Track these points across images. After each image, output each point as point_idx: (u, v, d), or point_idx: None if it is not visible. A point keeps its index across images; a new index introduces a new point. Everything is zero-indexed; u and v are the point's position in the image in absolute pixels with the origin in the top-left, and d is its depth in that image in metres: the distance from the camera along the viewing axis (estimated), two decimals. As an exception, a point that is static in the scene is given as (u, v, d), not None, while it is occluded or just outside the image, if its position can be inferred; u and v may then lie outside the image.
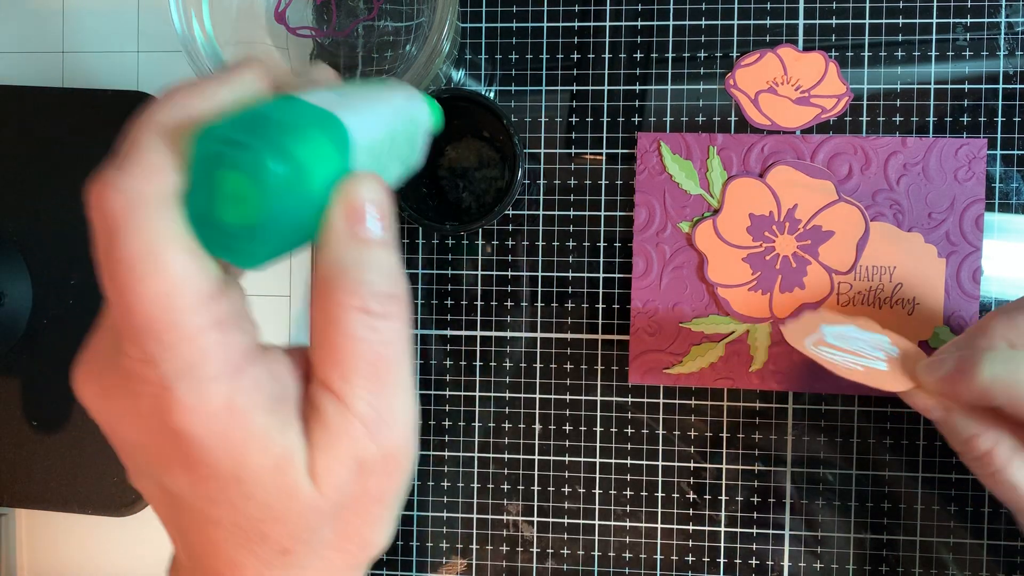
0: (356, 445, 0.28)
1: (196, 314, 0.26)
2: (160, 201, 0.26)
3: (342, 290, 0.28)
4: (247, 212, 0.25)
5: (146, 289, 0.25)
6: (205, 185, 0.25)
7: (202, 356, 0.26)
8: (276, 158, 0.25)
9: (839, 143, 0.49)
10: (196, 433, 0.26)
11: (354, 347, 0.28)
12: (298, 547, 0.29)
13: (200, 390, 0.26)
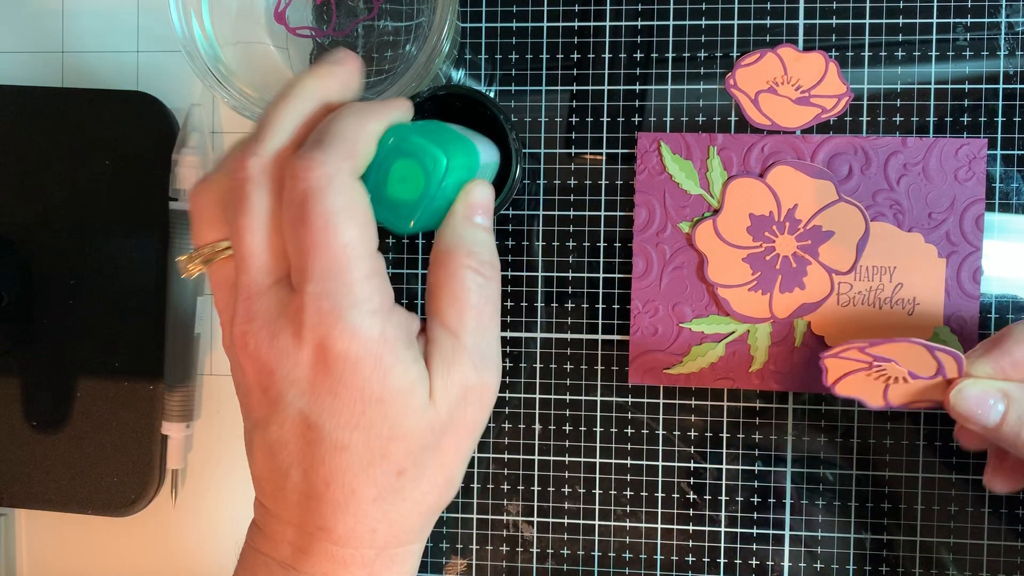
0: (464, 372, 0.36)
1: (368, 262, 0.34)
2: (353, 175, 0.34)
3: (462, 253, 0.37)
4: (409, 190, 0.36)
5: (338, 238, 0.33)
6: (383, 167, 0.36)
7: (368, 294, 0.34)
8: (442, 154, 0.36)
9: (839, 143, 0.49)
10: (356, 355, 0.34)
11: (467, 295, 0.37)
12: (410, 467, 0.36)
13: (365, 320, 0.34)
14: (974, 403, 0.40)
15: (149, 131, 0.54)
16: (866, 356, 0.42)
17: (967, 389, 0.40)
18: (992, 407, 0.40)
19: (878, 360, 0.42)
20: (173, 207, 0.53)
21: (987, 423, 0.40)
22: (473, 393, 0.37)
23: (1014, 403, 0.40)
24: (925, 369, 0.41)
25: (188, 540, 0.56)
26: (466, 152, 0.38)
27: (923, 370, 0.42)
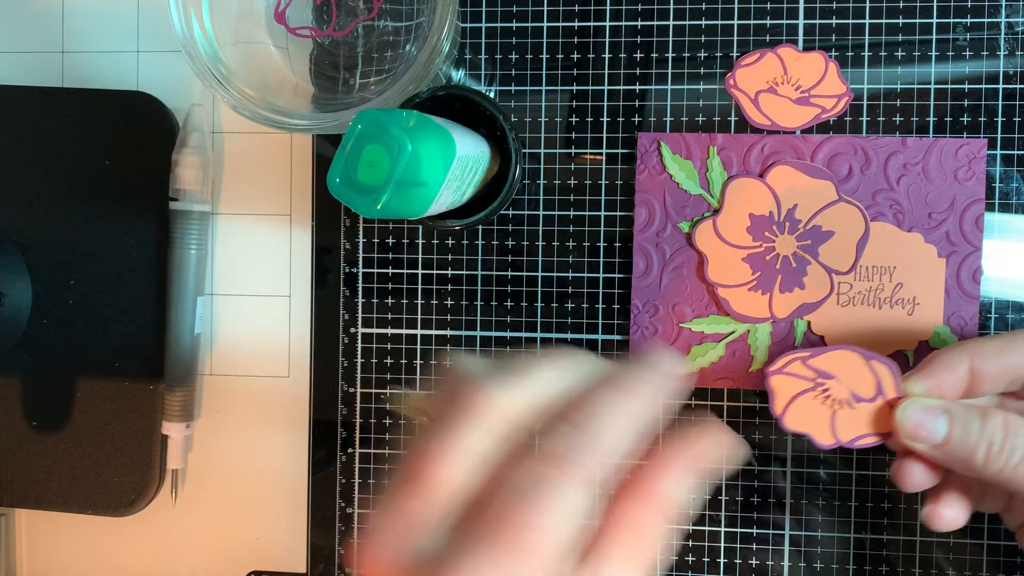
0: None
1: None
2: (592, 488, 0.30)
3: None
4: (377, 175, 0.37)
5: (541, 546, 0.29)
6: (354, 152, 0.37)
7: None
8: (407, 140, 0.36)
9: (839, 143, 0.49)
10: None
11: None
12: None
13: None
14: (918, 420, 0.41)
15: (149, 131, 0.54)
16: (809, 371, 0.43)
17: (910, 408, 0.41)
18: (936, 425, 0.40)
19: (821, 376, 0.43)
20: (173, 207, 0.53)
21: (934, 440, 0.40)
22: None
23: (956, 419, 0.40)
24: (865, 387, 0.42)
25: (188, 540, 0.56)
26: (439, 140, 0.38)
27: (863, 388, 0.42)
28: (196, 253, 0.53)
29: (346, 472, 0.53)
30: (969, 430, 0.40)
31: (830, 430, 0.43)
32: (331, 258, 0.53)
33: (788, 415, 0.43)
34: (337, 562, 0.53)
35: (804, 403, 0.43)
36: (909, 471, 0.42)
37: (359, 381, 0.53)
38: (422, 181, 0.38)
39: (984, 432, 0.40)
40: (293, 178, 0.54)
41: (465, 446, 0.31)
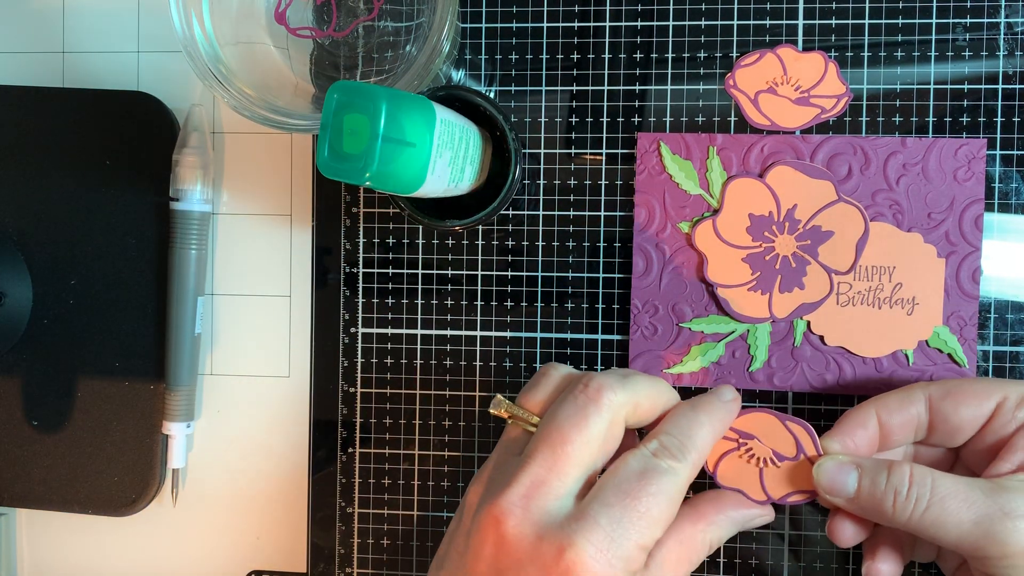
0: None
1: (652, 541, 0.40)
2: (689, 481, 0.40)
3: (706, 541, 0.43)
4: (359, 142, 0.37)
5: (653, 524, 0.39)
6: (336, 122, 0.37)
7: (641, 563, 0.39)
8: (382, 101, 0.37)
9: (839, 143, 0.49)
10: None
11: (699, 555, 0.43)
12: None
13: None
14: (832, 476, 0.43)
15: (149, 131, 0.54)
16: (732, 432, 0.45)
17: (824, 464, 0.43)
18: (847, 479, 0.42)
19: (743, 437, 0.45)
20: (173, 207, 0.53)
21: (847, 494, 0.42)
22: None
23: (866, 473, 0.42)
24: (785, 447, 0.45)
25: (188, 540, 0.56)
26: (415, 101, 0.39)
27: (783, 448, 0.45)
28: (196, 253, 0.53)
29: (346, 472, 0.53)
30: (876, 482, 0.42)
31: (760, 488, 0.45)
32: (331, 258, 0.53)
33: (719, 473, 0.45)
34: (337, 562, 0.53)
35: (732, 461, 0.45)
36: (840, 527, 0.44)
37: (359, 381, 0.53)
38: (407, 140, 0.38)
39: (890, 483, 0.41)
40: (293, 178, 0.54)
41: (593, 432, 0.39)
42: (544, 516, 0.38)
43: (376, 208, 0.53)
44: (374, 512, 0.53)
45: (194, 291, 0.53)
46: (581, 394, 0.40)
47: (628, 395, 0.41)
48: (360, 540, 0.53)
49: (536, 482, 0.38)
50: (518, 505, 0.38)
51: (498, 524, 0.38)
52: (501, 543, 0.37)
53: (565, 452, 0.39)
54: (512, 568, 0.37)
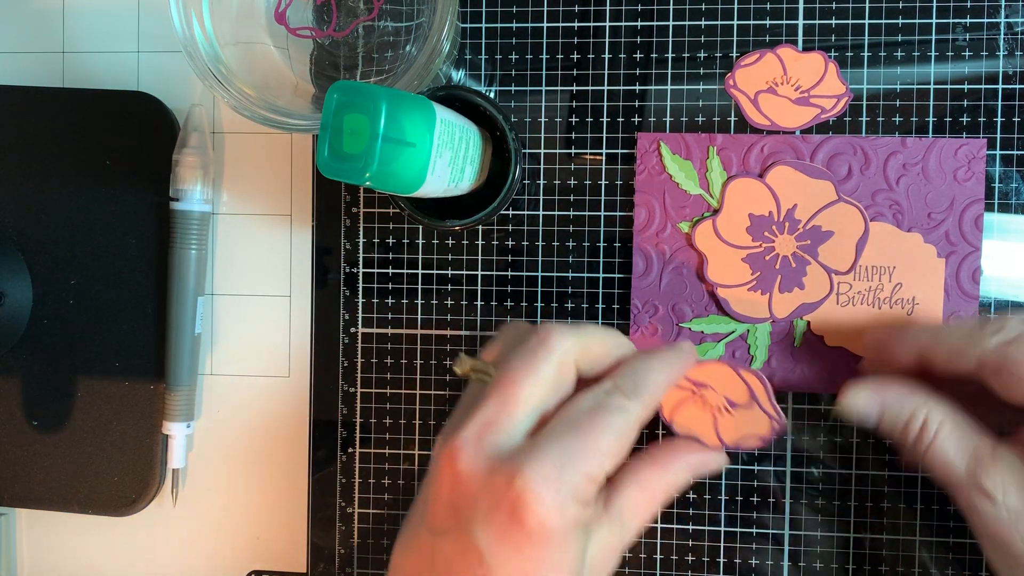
0: (610, 559, 0.41)
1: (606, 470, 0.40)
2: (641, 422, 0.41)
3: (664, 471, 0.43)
4: (359, 142, 0.37)
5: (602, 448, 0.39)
6: (336, 123, 0.37)
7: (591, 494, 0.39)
8: (379, 97, 0.37)
9: (839, 143, 0.49)
10: (553, 530, 0.37)
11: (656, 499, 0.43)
12: None
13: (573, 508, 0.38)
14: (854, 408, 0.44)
15: (149, 131, 0.54)
16: (687, 382, 0.46)
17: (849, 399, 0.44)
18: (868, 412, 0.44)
19: (698, 386, 0.46)
20: (173, 207, 0.53)
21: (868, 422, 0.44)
22: (605, 567, 0.40)
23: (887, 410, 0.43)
24: (738, 395, 0.46)
25: (188, 540, 0.56)
26: (415, 100, 0.39)
27: (737, 396, 0.46)
28: (196, 253, 0.53)
29: (346, 472, 0.53)
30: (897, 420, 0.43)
31: (714, 433, 0.46)
32: (331, 258, 0.53)
33: (676, 420, 0.46)
34: (337, 562, 0.53)
35: (687, 409, 0.46)
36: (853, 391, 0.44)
37: (359, 381, 0.53)
38: (407, 140, 0.38)
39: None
40: (293, 178, 0.54)
41: (541, 373, 0.40)
42: (495, 451, 0.38)
43: (376, 208, 0.53)
44: (374, 512, 0.53)
45: (194, 291, 0.53)
46: (532, 339, 0.41)
47: (577, 339, 0.41)
48: (360, 540, 0.53)
49: (487, 421, 0.39)
50: (470, 442, 0.38)
51: (452, 462, 0.38)
52: (455, 480, 0.38)
53: (514, 392, 0.39)
54: (466, 503, 0.38)
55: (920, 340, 0.43)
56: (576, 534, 0.38)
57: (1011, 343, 0.40)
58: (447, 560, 0.38)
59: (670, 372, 0.43)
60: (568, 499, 0.37)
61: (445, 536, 0.38)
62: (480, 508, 0.37)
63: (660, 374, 0.42)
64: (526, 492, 0.36)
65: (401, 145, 0.38)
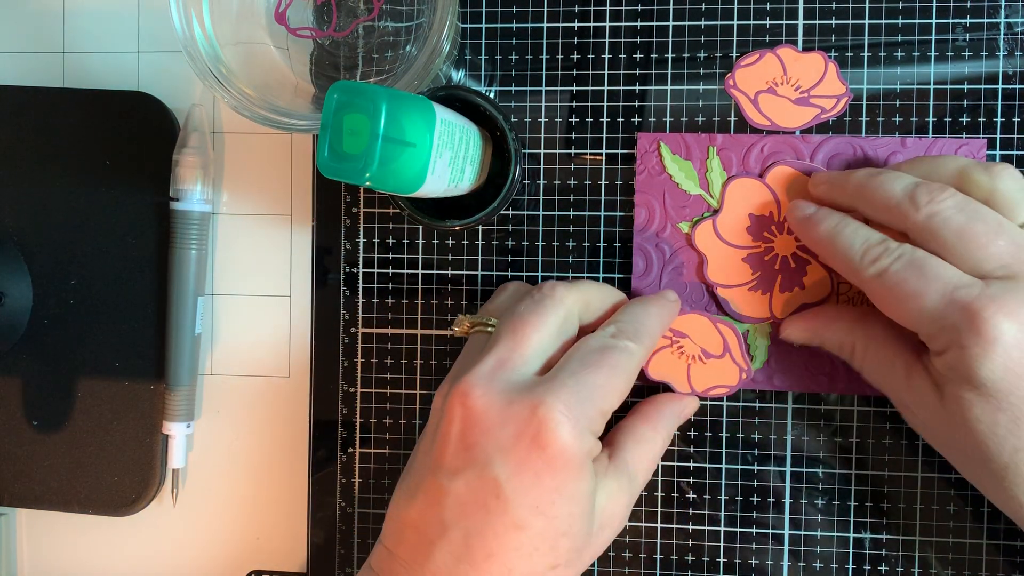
0: (622, 504, 0.43)
1: (615, 406, 0.42)
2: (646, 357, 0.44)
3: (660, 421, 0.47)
4: (359, 142, 0.37)
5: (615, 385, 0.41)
6: (336, 122, 0.37)
7: (602, 424, 0.41)
8: (380, 97, 0.37)
9: (838, 143, 0.49)
10: (573, 454, 0.38)
11: (652, 449, 0.46)
12: (563, 565, 0.39)
13: (589, 436, 0.40)
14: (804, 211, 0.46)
15: (149, 131, 0.54)
16: (667, 332, 0.48)
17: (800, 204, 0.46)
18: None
19: (676, 335, 0.49)
20: (173, 207, 0.53)
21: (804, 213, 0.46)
22: (616, 520, 0.42)
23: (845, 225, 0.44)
24: (713, 346, 0.49)
25: (188, 540, 0.56)
26: (415, 101, 0.39)
27: (712, 347, 0.49)
28: (196, 253, 0.53)
29: (346, 472, 0.53)
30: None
31: (686, 381, 0.49)
32: (331, 258, 0.53)
33: (651, 367, 0.49)
34: (337, 562, 0.53)
35: (663, 357, 0.49)
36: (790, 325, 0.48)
37: (359, 381, 0.53)
38: (407, 140, 0.38)
39: None
40: (293, 178, 0.54)
41: (550, 321, 0.41)
42: (510, 385, 0.39)
43: (376, 208, 0.53)
44: (374, 512, 0.53)
45: (194, 291, 0.53)
46: (537, 292, 0.43)
47: (579, 293, 0.44)
48: (360, 540, 0.53)
49: (500, 360, 0.40)
50: (484, 379, 0.39)
51: (465, 399, 0.39)
52: (468, 417, 0.39)
53: (526, 334, 0.41)
54: (482, 437, 0.38)
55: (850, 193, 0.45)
56: (590, 468, 0.39)
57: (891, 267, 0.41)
58: (459, 500, 0.38)
59: (664, 318, 0.45)
60: (585, 430, 0.39)
61: (458, 475, 0.38)
62: (499, 439, 0.38)
63: (656, 319, 0.45)
64: (549, 419, 0.38)
65: (401, 145, 0.38)
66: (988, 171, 0.41)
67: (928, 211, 0.40)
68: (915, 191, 0.41)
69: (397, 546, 0.40)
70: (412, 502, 0.39)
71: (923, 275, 0.40)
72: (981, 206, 0.40)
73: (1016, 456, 0.39)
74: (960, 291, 0.39)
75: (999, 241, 0.39)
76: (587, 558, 0.41)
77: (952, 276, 0.39)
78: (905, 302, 0.40)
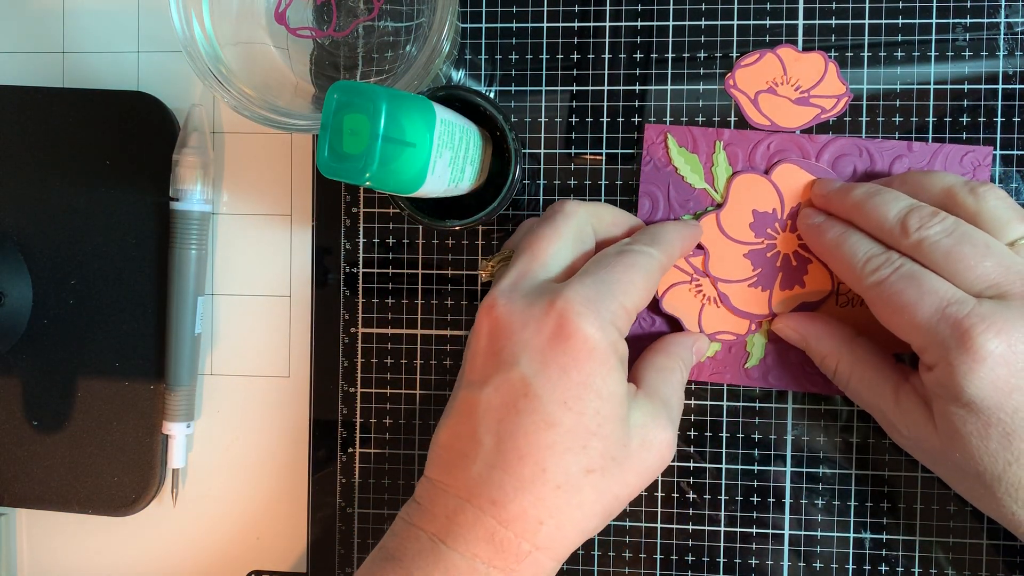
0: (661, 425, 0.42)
1: (640, 303, 0.42)
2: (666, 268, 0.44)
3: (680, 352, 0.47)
4: (359, 142, 0.36)
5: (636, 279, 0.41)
6: (336, 122, 0.36)
7: (628, 316, 0.41)
8: (380, 97, 0.36)
9: (845, 144, 0.48)
10: (596, 345, 0.38)
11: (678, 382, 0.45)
12: (598, 470, 0.38)
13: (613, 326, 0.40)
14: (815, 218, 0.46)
15: (149, 131, 0.53)
16: (688, 266, 0.48)
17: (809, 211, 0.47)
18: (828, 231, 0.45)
19: (698, 273, 0.48)
20: (173, 207, 0.52)
21: None
22: (661, 447, 0.41)
23: None
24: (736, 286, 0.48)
25: (188, 540, 0.55)
26: (415, 100, 0.38)
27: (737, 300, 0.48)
28: (196, 253, 0.52)
29: (346, 472, 0.52)
30: None
31: (696, 322, 0.48)
32: (331, 258, 0.52)
33: (666, 299, 0.48)
34: (337, 562, 0.52)
35: (680, 291, 0.48)
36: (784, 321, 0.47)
37: (359, 381, 0.52)
38: (407, 140, 0.37)
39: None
40: (293, 178, 0.53)
41: (563, 232, 0.42)
42: (531, 290, 0.40)
43: (376, 208, 0.52)
44: (374, 512, 0.52)
45: (194, 291, 0.52)
46: (549, 210, 0.43)
47: (590, 207, 0.44)
48: (360, 540, 0.52)
49: (521, 272, 0.40)
50: (506, 290, 0.40)
51: (490, 311, 0.39)
52: (495, 325, 0.39)
53: (542, 246, 0.41)
54: (507, 341, 0.38)
55: (847, 210, 0.45)
56: (617, 365, 0.39)
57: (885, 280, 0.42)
58: (490, 406, 0.38)
59: (683, 236, 0.45)
60: (608, 323, 0.38)
61: (487, 383, 0.38)
62: (523, 337, 0.38)
63: (675, 234, 0.44)
64: (568, 310, 0.38)
65: (401, 145, 0.37)
66: (973, 192, 0.42)
67: (917, 236, 0.41)
68: (907, 216, 0.41)
69: (434, 470, 0.40)
70: (446, 423, 0.39)
71: (918, 288, 0.40)
72: (970, 229, 0.40)
73: (1008, 469, 0.39)
74: (952, 307, 0.39)
75: (986, 263, 0.39)
76: (630, 476, 0.39)
77: (946, 291, 0.39)
78: (900, 312, 0.40)
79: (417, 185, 0.39)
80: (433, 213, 0.45)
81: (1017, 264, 0.40)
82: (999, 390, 0.38)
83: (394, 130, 0.37)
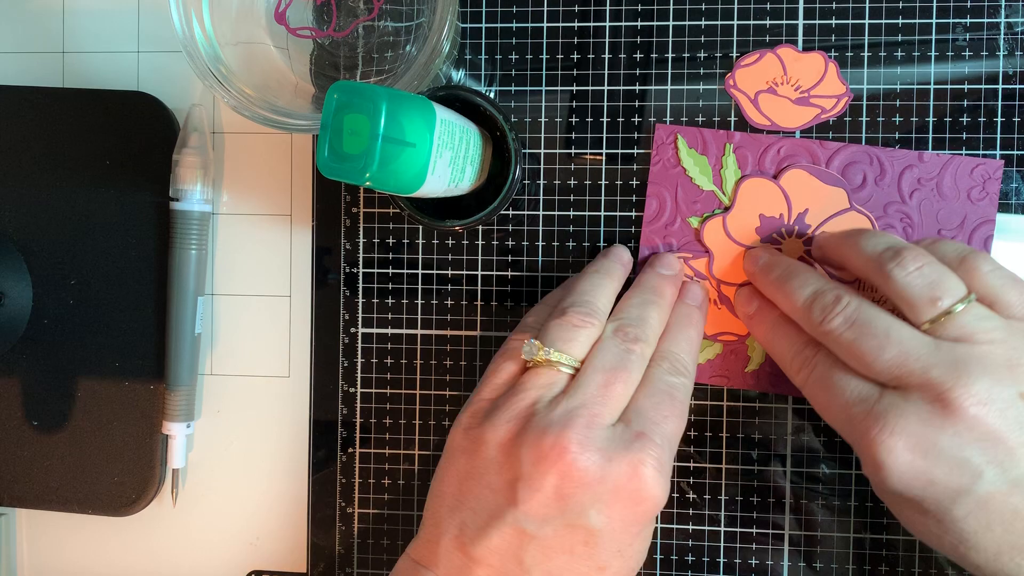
0: None
1: None
2: None
3: None
4: (360, 142, 0.35)
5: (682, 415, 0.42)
6: (336, 122, 0.36)
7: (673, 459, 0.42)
8: (382, 100, 0.35)
9: (855, 151, 0.46)
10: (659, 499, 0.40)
11: None
12: None
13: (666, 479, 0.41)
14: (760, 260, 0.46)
15: (149, 131, 0.51)
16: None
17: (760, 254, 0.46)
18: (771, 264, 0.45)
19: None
20: (173, 207, 0.50)
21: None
22: None
23: None
24: None
25: (188, 540, 0.54)
26: (415, 101, 0.37)
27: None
28: (196, 253, 0.51)
29: (346, 472, 0.51)
30: None
31: None
32: (331, 258, 0.51)
33: None
34: (337, 562, 0.51)
35: None
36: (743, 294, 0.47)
37: (359, 381, 0.51)
38: (407, 140, 0.36)
39: None
40: (293, 178, 0.52)
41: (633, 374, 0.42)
42: (605, 442, 0.39)
43: (376, 208, 0.51)
44: (374, 512, 0.51)
45: (194, 291, 0.51)
46: (622, 342, 0.42)
47: (652, 343, 0.43)
48: (360, 540, 0.51)
49: (593, 415, 0.39)
50: (579, 435, 0.38)
51: (564, 454, 0.38)
52: (567, 473, 0.38)
53: (615, 392, 0.40)
54: (578, 491, 0.38)
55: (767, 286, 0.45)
56: None
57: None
58: (545, 544, 0.38)
59: (700, 338, 0.45)
60: (667, 477, 0.40)
61: (547, 523, 0.38)
62: (597, 493, 0.38)
63: (696, 343, 0.45)
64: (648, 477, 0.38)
65: (401, 145, 0.36)
66: (881, 271, 0.40)
67: (822, 329, 0.40)
68: (812, 305, 0.41)
69: None
70: (488, 539, 0.39)
71: (827, 391, 0.40)
72: (871, 315, 0.39)
73: (957, 550, 0.39)
74: (855, 407, 0.39)
75: (885, 356, 0.38)
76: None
77: (852, 391, 0.39)
78: (823, 413, 0.41)
79: (417, 185, 0.38)
80: (433, 213, 0.45)
81: (918, 351, 0.38)
82: (910, 486, 0.38)
83: (394, 130, 0.36)
